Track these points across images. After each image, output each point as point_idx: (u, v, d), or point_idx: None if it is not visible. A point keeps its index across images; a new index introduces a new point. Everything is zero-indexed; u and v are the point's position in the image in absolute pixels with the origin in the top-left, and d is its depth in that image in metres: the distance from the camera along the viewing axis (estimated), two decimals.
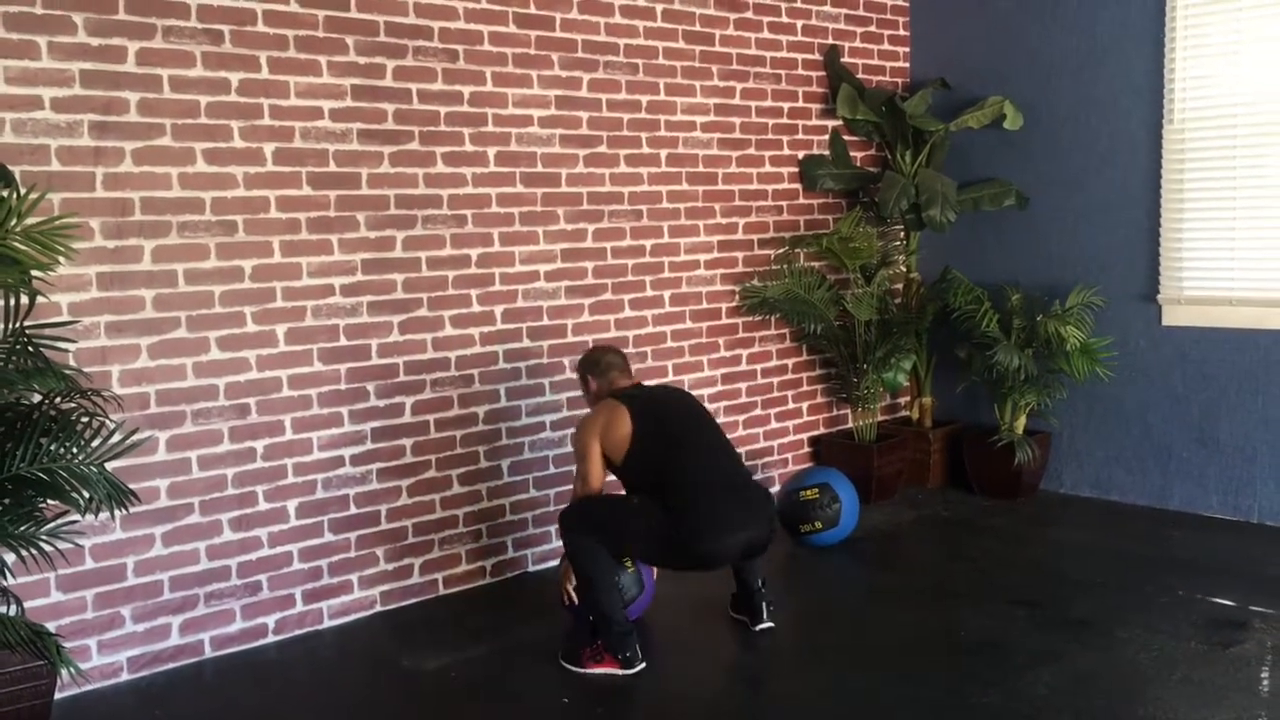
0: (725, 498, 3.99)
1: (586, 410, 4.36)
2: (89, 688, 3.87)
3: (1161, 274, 5.67)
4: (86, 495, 3.27)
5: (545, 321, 5.06)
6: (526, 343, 5.01)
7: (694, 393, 4.99)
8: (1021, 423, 5.96)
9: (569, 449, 5.14)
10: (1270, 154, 5.30)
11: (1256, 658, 3.90)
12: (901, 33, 6.57)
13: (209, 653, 4.18)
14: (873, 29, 6.40)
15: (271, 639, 4.33)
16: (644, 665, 3.92)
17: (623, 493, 4.17)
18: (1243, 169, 5.40)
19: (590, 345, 4.86)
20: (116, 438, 3.40)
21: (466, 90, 4.73)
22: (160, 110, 3.96)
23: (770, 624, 4.25)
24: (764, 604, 4.26)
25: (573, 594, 4.12)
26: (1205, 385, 5.59)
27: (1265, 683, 3.71)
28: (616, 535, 3.98)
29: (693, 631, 4.37)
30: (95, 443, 3.33)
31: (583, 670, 3.93)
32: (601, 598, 3.95)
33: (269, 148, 4.22)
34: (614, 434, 4.07)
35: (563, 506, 4.16)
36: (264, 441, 4.28)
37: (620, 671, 3.90)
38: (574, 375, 5.09)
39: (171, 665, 4.09)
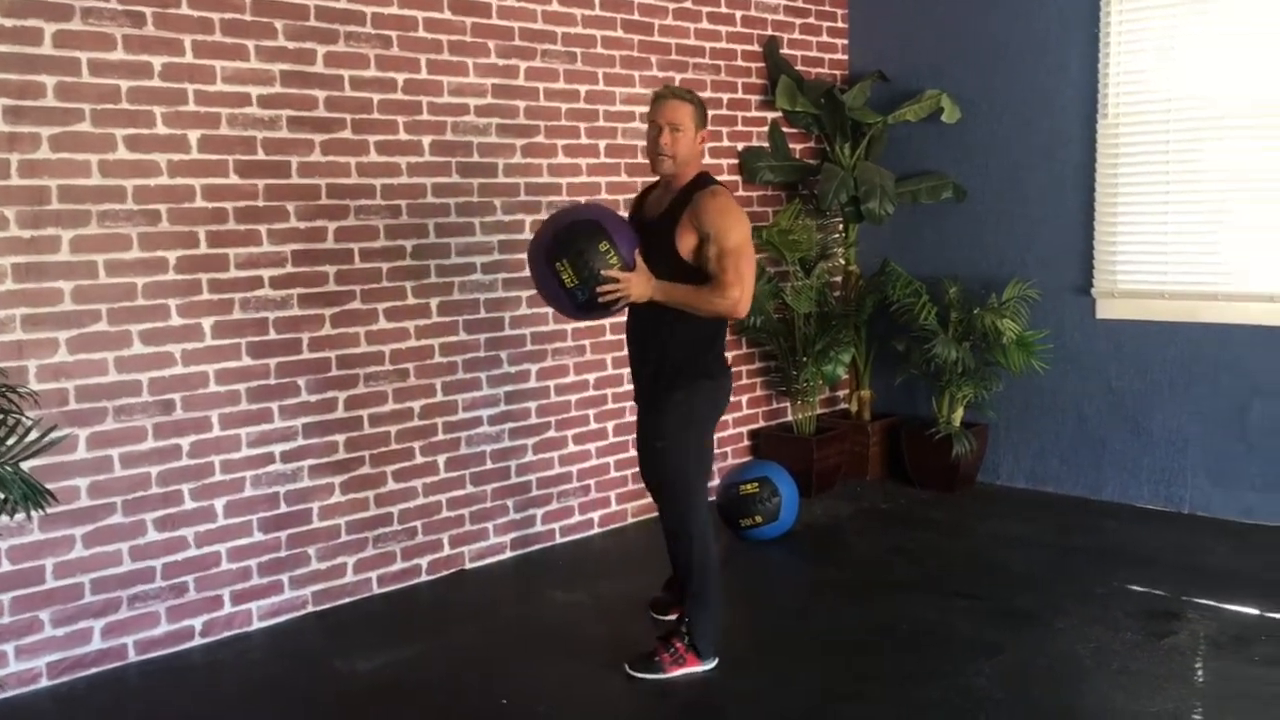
0: None
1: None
2: (5, 695, 3.74)
3: (1096, 267, 5.73)
4: (1, 496, 3.14)
5: (482, 315, 4.98)
6: (463, 335, 4.92)
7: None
8: (959, 415, 5.99)
9: (507, 444, 5.10)
10: (1202, 150, 5.36)
11: (1190, 648, 3.94)
12: (840, 25, 6.56)
13: (133, 657, 4.05)
14: (811, 20, 6.39)
15: (199, 641, 4.21)
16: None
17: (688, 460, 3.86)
18: (1175, 164, 5.46)
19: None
20: (33, 436, 3.25)
21: (400, 78, 4.62)
22: (79, 95, 3.81)
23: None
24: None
25: None
26: (1138, 377, 5.65)
27: (1200, 673, 3.76)
28: (700, 463, 3.90)
29: (633, 630, 4.31)
30: (10, 441, 3.18)
31: (666, 676, 3.84)
32: (710, 591, 3.88)
33: (194, 135, 4.08)
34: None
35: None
36: (190, 438, 4.15)
37: (701, 669, 3.87)
38: (527, 365, 5.04)
39: (94, 670, 3.96)
